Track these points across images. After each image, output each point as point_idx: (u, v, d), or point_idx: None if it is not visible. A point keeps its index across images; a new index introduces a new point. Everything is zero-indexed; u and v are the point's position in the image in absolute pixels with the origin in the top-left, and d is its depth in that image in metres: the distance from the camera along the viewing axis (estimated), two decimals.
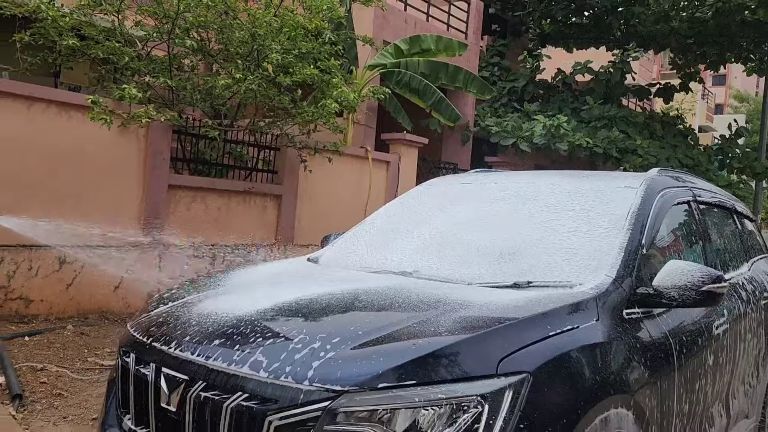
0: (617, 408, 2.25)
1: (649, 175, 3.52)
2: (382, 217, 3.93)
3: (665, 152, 12.80)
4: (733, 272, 3.90)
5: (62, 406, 4.24)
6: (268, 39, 6.69)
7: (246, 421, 1.93)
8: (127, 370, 2.36)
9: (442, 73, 10.20)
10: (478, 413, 1.85)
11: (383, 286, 2.70)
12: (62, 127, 5.99)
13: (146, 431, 2.23)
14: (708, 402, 3.20)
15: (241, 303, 2.44)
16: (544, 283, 2.67)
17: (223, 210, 7.43)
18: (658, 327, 2.73)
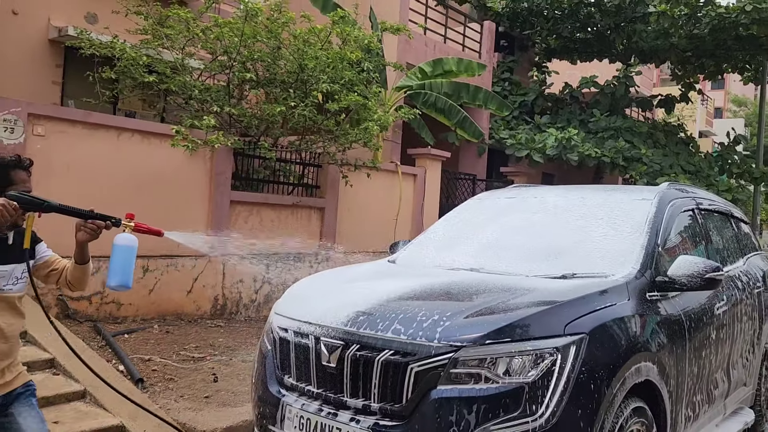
0: (645, 362, 3.11)
1: (661, 189, 4.40)
2: (442, 226, 4.79)
3: (668, 160, 13.66)
4: (730, 266, 4.76)
5: (176, 387, 5.10)
6: (317, 70, 7.58)
7: (392, 370, 2.79)
8: (286, 341, 3.23)
9: (464, 92, 11.12)
10: (554, 360, 2.72)
11: (463, 278, 3.57)
12: (144, 153, 6.87)
13: (306, 385, 3.10)
14: (713, 368, 4.05)
15: (366, 291, 3.32)
16: (586, 274, 3.53)
17: (276, 222, 8.31)
18: (673, 306, 3.60)
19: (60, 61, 9.16)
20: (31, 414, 2.52)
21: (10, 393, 2.50)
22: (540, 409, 2.63)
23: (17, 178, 2.48)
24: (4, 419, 2.47)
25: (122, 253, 2.59)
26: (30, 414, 2.52)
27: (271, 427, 3.22)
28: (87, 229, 2.51)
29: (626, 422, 2.94)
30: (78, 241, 2.57)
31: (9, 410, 2.49)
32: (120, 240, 2.60)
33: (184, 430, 4.37)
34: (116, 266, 2.58)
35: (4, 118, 5.73)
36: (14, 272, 2.51)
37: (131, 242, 2.61)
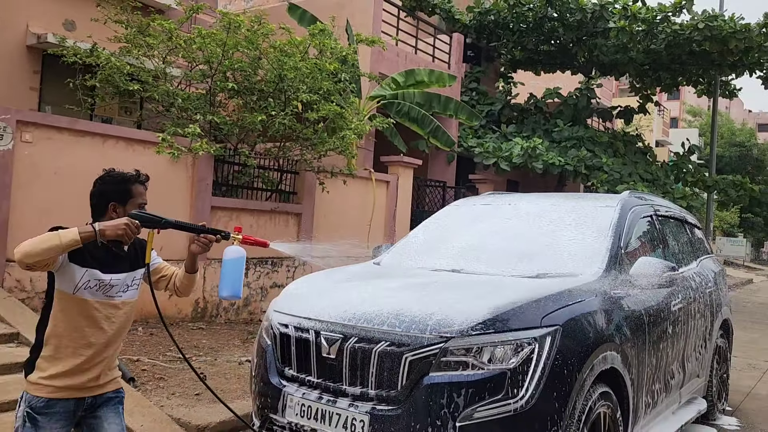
0: (611, 351, 3.48)
1: (623, 197, 4.81)
2: (423, 231, 5.12)
3: (627, 168, 14.31)
4: (684, 267, 5.20)
5: (166, 386, 5.31)
6: (296, 81, 7.85)
7: (388, 359, 3.10)
8: (287, 335, 3.50)
9: (435, 102, 11.52)
10: (532, 348, 3.06)
11: (446, 278, 3.91)
12: (128, 159, 7.01)
13: (306, 375, 3.38)
14: (669, 360, 4.46)
15: (360, 289, 3.62)
16: (557, 273, 3.90)
17: (254, 226, 8.53)
18: (634, 302, 3.98)
19: (38, 67, 9.23)
20: (116, 421, 2.63)
21: (101, 395, 2.60)
22: (520, 392, 2.96)
23: (136, 191, 2.63)
24: (92, 420, 2.58)
25: (232, 265, 2.70)
26: (115, 421, 2.62)
27: (273, 416, 3.48)
28: (200, 242, 2.64)
29: (594, 404, 3.30)
30: (191, 252, 2.70)
31: (98, 412, 2.59)
32: (230, 253, 2.70)
33: (180, 425, 4.59)
34: (227, 278, 2.69)
35: None
36: (126, 280, 2.62)
37: (240, 254, 2.71)
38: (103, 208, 2.58)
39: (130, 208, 2.57)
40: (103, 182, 2.62)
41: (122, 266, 2.61)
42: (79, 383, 2.51)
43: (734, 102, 47.22)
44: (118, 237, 2.36)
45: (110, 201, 2.58)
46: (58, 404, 2.47)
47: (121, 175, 2.64)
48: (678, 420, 4.66)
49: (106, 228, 2.34)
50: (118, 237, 2.36)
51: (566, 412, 3.07)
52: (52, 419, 2.45)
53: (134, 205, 2.61)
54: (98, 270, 2.52)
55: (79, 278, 2.47)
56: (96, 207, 2.60)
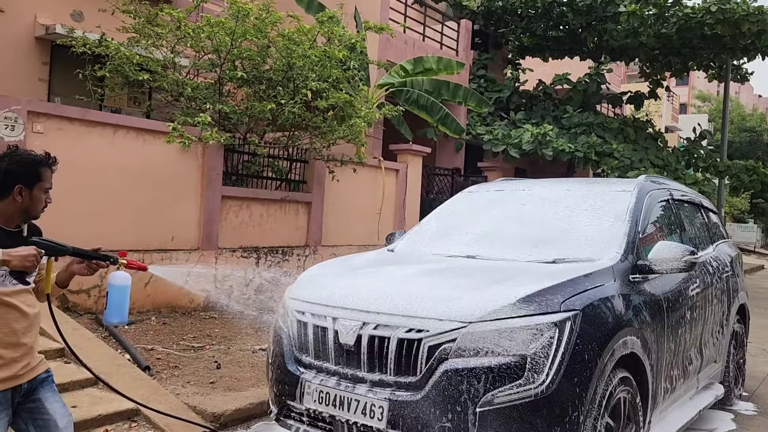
0: (631, 336, 3.45)
1: (639, 181, 4.75)
2: (436, 218, 5.09)
3: (638, 154, 14.19)
4: (701, 252, 5.14)
5: (181, 374, 5.32)
6: (305, 69, 7.80)
7: (407, 345, 3.08)
8: (303, 323, 3.49)
9: (444, 89, 11.44)
10: (552, 333, 3.02)
11: (462, 263, 3.88)
12: (138, 149, 7.02)
13: (324, 362, 3.36)
14: (687, 345, 4.42)
15: (376, 276, 3.60)
16: (575, 259, 3.86)
17: (264, 216, 8.52)
18: (653, 287, 3.95)
19: (46, 58, 9.22)
20: (56, 399, 2.64)
21: (36, 378, 2.59)
22: (540, 377, 2.94)
23: (45, 175, 2.55)
24: (32, 404, 2.57)
25: (118, 291, 2.74)
26: (55, 399, 2.63)
27: (291, 403, 3.47)
28: (90, 267, 2.65)
29: (614, 389, 3.27)
30: (72, 272, 2.69)
31: (36, 395, 2.58)
32: (116, 279, 2.73)
33: (196, 413, 4.60)
34: (113, 304, 2.73)
35: (5, 116, 5.85)
36: None
37: (126, 281, 2.75)
38: (7, 189, 2.47)
39: (37, 194, 2.52)
40: (11, 161, 2.49)
41: None
42: (14, 373, 2.48)
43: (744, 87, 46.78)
44: (24, 268, 2.33)
45: (17, 183, 2.47)
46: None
47: (32, 156, 2.54)
48: (695, 405, 4.63)
49: (12, 258, 2.30)
50: (25, 268, 2.34)
51: (587, 397, 3.04)
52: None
53: (41, 189, 2.54)
54: None
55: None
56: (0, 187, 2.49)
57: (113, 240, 6.77)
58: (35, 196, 2.52)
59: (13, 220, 2.53)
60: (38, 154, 2.57)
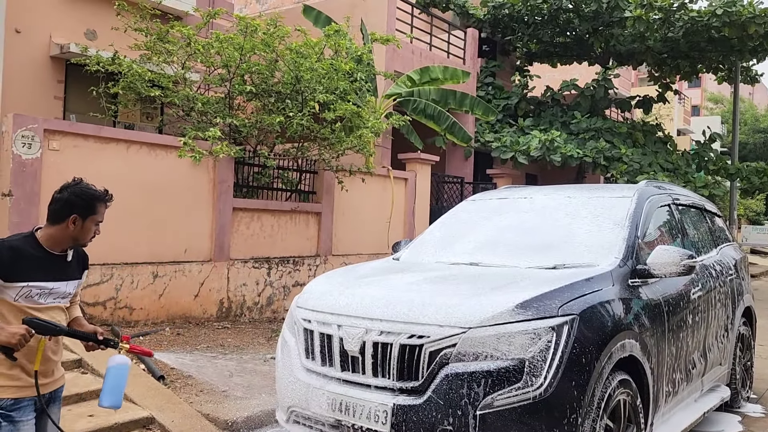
0: (629, 339, 3.53)
1: (640, 186, 4.83)
2: (440, 227, 5.19)
3: (647, 158, 14.20)
4: (704, 255, 5.21)
5: (194, 383, 5.45)
6: (313, 81, 7.96)
7: (409, 351, 3.18)
8: (310, 331, 3.60)
9: (451, 98, 11.57)
10: (550, 338, 3.11)
11: (464, 271, 3.98)
12: (151, 164, 7.19)
13: (330, 368, 3.47)
14: (689, 349, 4.48)
15: (380, 284, 3.70)
16: (574, 264, 3.94)
17: (275, 227, 8.66)
18: (653, 292, 4.02)
19: (61, 76, 9.45)
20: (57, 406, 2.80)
21: (55, 390, 2.75)
22: (539, 380, 3.03)
23: (99, 210, 2.69)
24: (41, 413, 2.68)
25: (115, 374, 2.73)
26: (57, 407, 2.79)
27: (298, 409, 3.58)
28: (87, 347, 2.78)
29: (614, 392, 3.35)
30: None
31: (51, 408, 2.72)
32: (114, 362, 2.74)
33: (209, 420, 4.72)
34: (108, 387, 2.72)
35: (22, 134, 6.05)
36: (67, 288, 2.71)
37: (125, 364, 2.76)
38: (63, 217, 2.62)
39: (89, 225, 2.66)
40: (72, 192, 2.64)
41: (66, 274, 2.69)
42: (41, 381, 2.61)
43: (757, 87, 46.40)
44: (10, 345, 2.40)
45: (73, 213, 2.62)
46: (24, 400, 2.57)
47: (92, 191, 2.69)
48: (700, 408, 4.68)
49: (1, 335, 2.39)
50: (11, 345, 2.40)
51: (585, 400, 3.12)
52: (26, 412, 2.57)
53: (93, 221, 2.67)
54: (40, 281, 2.58)
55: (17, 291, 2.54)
56: (56, 213, 2.63)
57: (128, 253, 6.95)
58: (87, 227, 2.66)
59: (61, 245, 2.66)
60: (98, 190, 2.71)
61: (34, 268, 2.57)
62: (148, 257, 7.16)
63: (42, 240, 2.63)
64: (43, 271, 2.59)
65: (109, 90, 7.58)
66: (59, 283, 2.66)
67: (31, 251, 2.58)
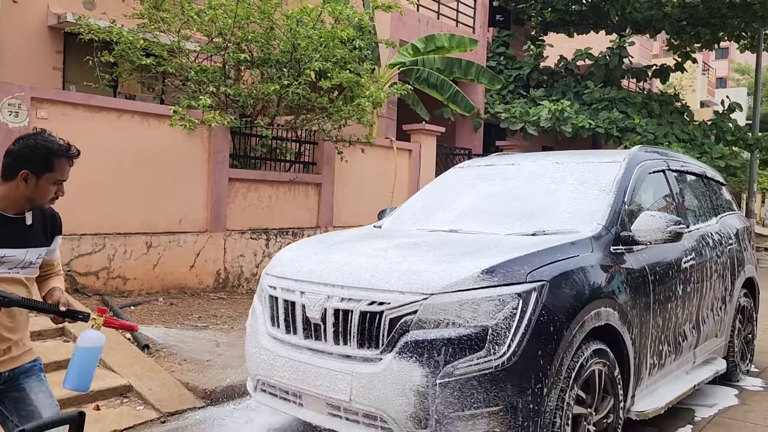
0: (606, 307, 3.38)
1: (631, 151, 4.63)
2: (425, 194, 5.05)
3: (662, 129, 13.81)
4: (701, 224, 5.00)
5: (179, 353, 5.41)
6: (309, 49, 7.79)
7: (369, 317, 3.07)
8: (275, 298, 3.51)
9: (456, 67, 11.30)
10: (515, 305, 2.98)
11: (440, 237, 3.85)
12: (144, 133, 7.11)
13: (293, 336, 3.38)
14: (679, 320, 4.31)
15: (348, 250, 3.59)
16: (555, 231, 3.78)
17: (274, 198, 8.58)
18: (637, 260, 3.85)
19: (60, 47, 9.39)
20: (41, 389, 2.50)
21: (18, 368, 2.44)
22: (502, 348, 2.90)
23: (58, 166, 2.32)
24: (16, 394, 2.44)
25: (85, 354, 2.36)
26: (40, 389, 2.49)
27: (264, 378, 3.51)
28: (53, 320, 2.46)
29: (587, 362, 3.21)
30: None
31: (21, 384, 2.46)
32: (85, 340, 2.36)
33: (188, 389, 4.68)
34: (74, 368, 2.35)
35: (8, 102, 5.99)
36: (27, 257, 2.36)
37: (97, 342, 2.37)
38: (14, 173, 2.27)
39: (44, 184, 2.31)
40: (26, 144, 2.29)
41: (25, 240, 2.36)
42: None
43: None
44: None
45: (23, 168, 2.26)
46: None
47: (49, 143, 2.30)
48: (691, 380, 4.52)
49: None
50: None
51: (552, 369, 2.99)
52: None
53: (50, 180, 2.31)
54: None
55: None
56: (6, 167, 2.29)
57: (120, 223, 6.92)
58: (42, 186, 2.30)
59: (15, 206, 2.32)
60: (58, 142, 2.32)
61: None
62: (142, 227, 7.12)
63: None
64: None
65: (102, 59, 7.49)
66: (14, 251, 2.32)
67: None
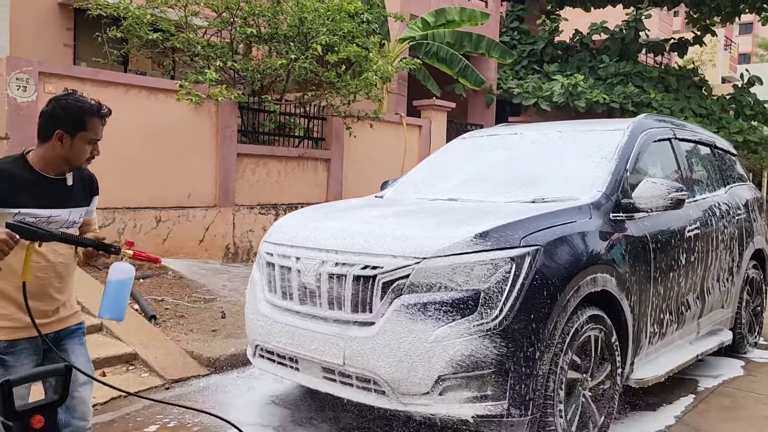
0: (603, 273, 3.35)
1: (636, 119, 4.56)
2: (427, 165, 5.03)
3: (679, 104, 13.58)
4: (708, 194, 4.93)
5: (186, 323, 5.49)
6: (316, 23, 7.74)
7: (362, 282, 3.08)
8: (272, 264, 3.53)
9: (467, 41, 11.17)
10: (508, 269, 2.97)
11: (437, 205, 3.84)
12: (152, 108, 7.14)
13: (290, 302, 3.41)
14: (682, 290, 4.26)
15: (345, 218, 3.60)
16: (554, 198, 3.75)
17: (282, 173, 8.60)
18: (638, 227, 3.81)
19: (70, 24, 9.44)
20: (82, 352, 2.54)
21: (64, 329, 2.48)
22: (494, 312, 2.90)
23: (91, 125, 2.35)
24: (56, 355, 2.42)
25: (118, 285, 2.47)
26: (81, 352, 2.54)
27: (261, 343, 3.55)
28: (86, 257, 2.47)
29: (582, 327, 3.20)
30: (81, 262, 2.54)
31: (63, 345, 2.48)
32: (116, 272, 2.46)
33: (193, 357, 4.75)
34: (110, 298, 2.45)
35: (16, 77, 6.04)
36: (71, 217, 2.40)
37: (128, 274, 2.48)
38: (49, 134, 2.31)
39: (79, 143, 2.33)
40: (58, 104, 2.32)
41: (67, 200, 2.39)
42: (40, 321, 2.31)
43: None
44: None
45: (57, 128, 2.29)
46: (20, 342, 2.34)
47: (81, 102, 2.33)
48: (694, 350, 4.48)
49: None
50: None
51: (545, 333, 2.98)
52: (20, 356, 2.35)
53: (84, 139, 2.34)
54: (34, 208, 2.29)
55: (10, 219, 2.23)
56: (42, 129, 2.33)
57: (130, 197, 6.98)
58: (77, 146, 2.33)
59: (54, 167, 2.36)
60: (89, 101, 2.37)
61: (26, 193, 2.27)
62: (151, 202, 7.18)
63: (33, 162, 2.33)
64: (36, 196, 2.29)
65: (110, 34, 7.51)
66: (58, 211, 2.35)
67: (21, 174, 2.27)
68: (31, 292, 2.26)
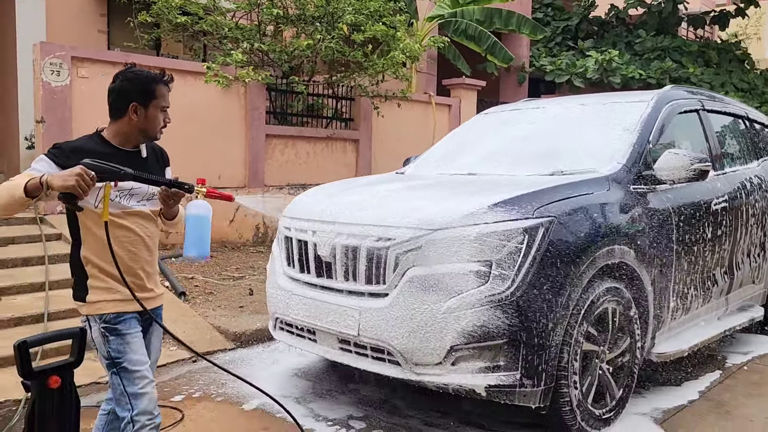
0: (620, 245, 3.31)
1: (661, 91, 4.46)
2: (449, 141, 5.02)
3: (720, 78, 13.16)
4: (738, 166, 4.80)
5: (214, 300, 5.62)
6: (342, 2, 7.74)
7: (375, 253, 3.11)
8: (289, 238, 3.59)
9: (497, 17, 11.01)
10: (521, 239, 2.96)
11: (455, 179, 3.84)
12: (181, 91, 7.25)
13: (306, 274, 3.46)
14: (708, 265, 4.17)
15: (362, 192, 3.63)
16: (573, 171, 3.71)
17: (311, 154, 8.67)
18: (660, 199, 3.74)
19: (104, 10, 9.62)
20: (158, 334, 2.57)
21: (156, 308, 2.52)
22: (506, 282, 2.90)
23: (159, 92, 2.38)
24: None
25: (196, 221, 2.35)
26: (157, 334, 2.56)
27: (281, 316, 3.62)
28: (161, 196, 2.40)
29: (598, 299, 3.17)
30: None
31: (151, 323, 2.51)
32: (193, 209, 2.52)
33: (219, 332, 4.88)
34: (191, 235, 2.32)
35: (50, 62, 6.22)
36: (150, 188, 2.39)
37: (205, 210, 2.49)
38: (123, 108, 2.34)
39: (153, 112, 2.36)
40: (125, 78, 2.35)
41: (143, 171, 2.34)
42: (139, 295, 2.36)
43: None
44: (67, 189, 2.06)
45: (131, 101, 2.33)
46: (126, 314, 2.38)
47: (145, 72, 2.38)
48: (722, 325, 4.40)
49: (54, 179, 2.07)
50: (68, 189, 2.06)
51: (558, 304, 2.97)
52: (131, 324, 2.39)
53: (156, 108, 2.37)
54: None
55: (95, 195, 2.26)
56: (114, 105, 2.35)
57: None
58: (151, 115, 2.36)
59: (130, 140, 2.40)
60: (150, 71, 2.41)
61: None
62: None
63: (109, 137, 2.37)
64: None
65: (140, 19, 7.65)
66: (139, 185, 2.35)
67: (99, 149, 2.30)
68: (127, 266, 2.34)
